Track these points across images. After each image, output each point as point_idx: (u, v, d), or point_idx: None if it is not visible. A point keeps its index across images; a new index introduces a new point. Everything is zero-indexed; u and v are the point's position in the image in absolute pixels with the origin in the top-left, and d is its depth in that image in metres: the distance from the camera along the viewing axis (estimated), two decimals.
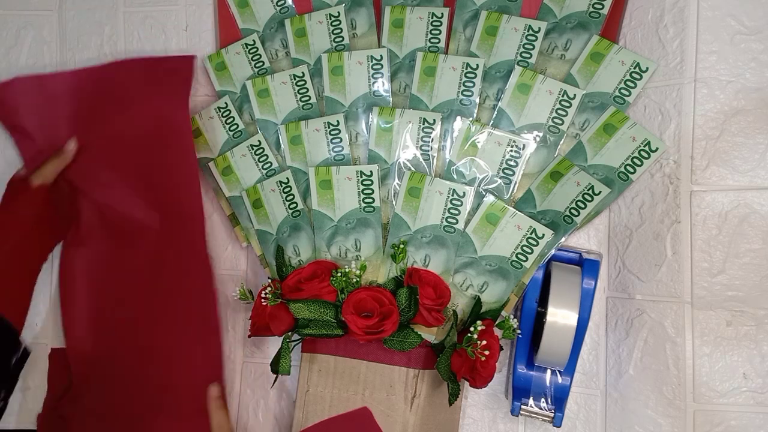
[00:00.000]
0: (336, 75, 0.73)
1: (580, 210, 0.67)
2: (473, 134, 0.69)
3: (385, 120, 0.71)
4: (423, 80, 0.71)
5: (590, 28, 0.69)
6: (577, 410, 0.71)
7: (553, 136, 0.69)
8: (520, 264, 0.67)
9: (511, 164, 0.69)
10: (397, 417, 0.66)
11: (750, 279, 0.66)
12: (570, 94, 0.68)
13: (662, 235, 0.68)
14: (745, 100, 0.66)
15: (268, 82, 0.75)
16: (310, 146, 0.73)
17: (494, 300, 0.68)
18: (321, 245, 0.71)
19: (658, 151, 0.67)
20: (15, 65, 0.86)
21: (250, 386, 0.79)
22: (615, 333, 0.70)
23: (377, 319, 0.64)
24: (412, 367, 0.67)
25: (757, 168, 0.66)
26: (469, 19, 0.72)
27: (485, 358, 0.63)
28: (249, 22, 0.79)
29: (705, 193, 0.67)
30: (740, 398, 0.65)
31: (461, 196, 0.68)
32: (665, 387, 0.67)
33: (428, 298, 0.65)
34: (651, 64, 0.68)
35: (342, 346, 0.69)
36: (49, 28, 0.85)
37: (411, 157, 0.70)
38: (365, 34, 0.75)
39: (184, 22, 0.82)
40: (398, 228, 0.69)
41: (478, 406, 0.74)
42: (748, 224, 0.66)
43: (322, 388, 0.69)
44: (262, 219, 0.74)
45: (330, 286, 0.67)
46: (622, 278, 0.70)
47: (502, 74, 0.70)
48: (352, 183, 0.70)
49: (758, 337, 0.65)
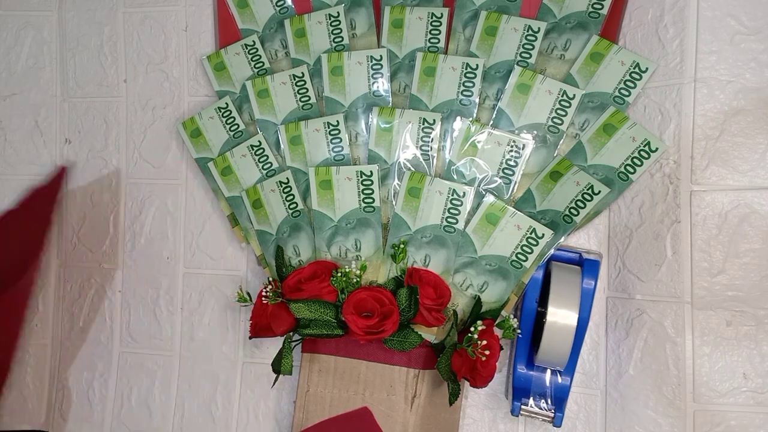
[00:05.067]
0: (336, 75, 0.73)
1: (580, 210, 0.67)
2: (473, 134, 0.69)
3: (385, 120, 0.71)
4: (423, 80, 0.71)
5: (590, 28, 0.69)
6: (577, 410, 0.71)
7: (552, 136, 0.69)
8: (520, 264, 0.67)
9: (511, 164, 0.69)
10: (398, 417, 0.66)
11: (750, 279, 0.66)
12: (570, 94, 0.68)
13: (662, 235, 0.68)
14: (745, 100, 0.66)
15: (267, 82, 0.75)
16: (310, 146, 0.73)
17: (494, 300, 0.68)
18: (321, 245, 0.71)
19: (658, 151, 0.67)
20: (15, 65, 0.86)
21: (250, 386, 0.79)
22: (615, 333, 0.70)
23: (377, 319, 0.64)
24: (413, 367, 0.67)
25: (757, 168, 0.66)
26: (468, 19, 0.72)
27: (485, 358, 0.63)
28: (248, 22, 0.79)
29: (705, 193, 0.67)
30: (740, 398, 0.65)
31: (461, 196, 0.68)
32: (665, 387, 0.67)
33: (428, 298, 0.65)
34: (651, 64, 0.68)
35: (342, 346, 0.68)
36: (49, 28, 0.85)
37: (411, 157, 0.70)
38: (365, 34, 0.75)
39: (184, 23, 0.82)
40: (398, 228, 0.69)
41: (478, 406, 0.74)
42: (748, 224, 0.66)
43: (322, 388, 0.69)
44: (262, 219, 0.74)
45: (330, 286, 0.67)
46: (622, 278, 0.70)
47: (502, 74, 0.70)
48: (352, 183, 0.70)
49: (758, 337, 0.65)
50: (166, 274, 0.82)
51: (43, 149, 0.85)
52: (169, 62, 0.82)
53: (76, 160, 0.84)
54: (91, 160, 0.84)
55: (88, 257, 0.84)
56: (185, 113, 0.82)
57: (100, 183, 0.84)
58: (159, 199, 0.82)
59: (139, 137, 0.83)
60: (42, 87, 0.85)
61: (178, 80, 0.82)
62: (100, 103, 0.84)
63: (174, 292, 0.81)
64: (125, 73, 0.84)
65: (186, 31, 0.82)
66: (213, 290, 0.80)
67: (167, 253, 0.82)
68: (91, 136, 0.84)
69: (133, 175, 0.83)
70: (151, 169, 0.83)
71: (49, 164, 0.85)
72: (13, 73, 0.86)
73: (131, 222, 0.83)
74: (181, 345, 0.81)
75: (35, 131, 0.85)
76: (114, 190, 0.83)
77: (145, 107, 0.83)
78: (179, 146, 0.82)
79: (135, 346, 0.82)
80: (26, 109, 0.86)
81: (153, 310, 0.82)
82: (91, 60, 0.84)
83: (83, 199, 0.84)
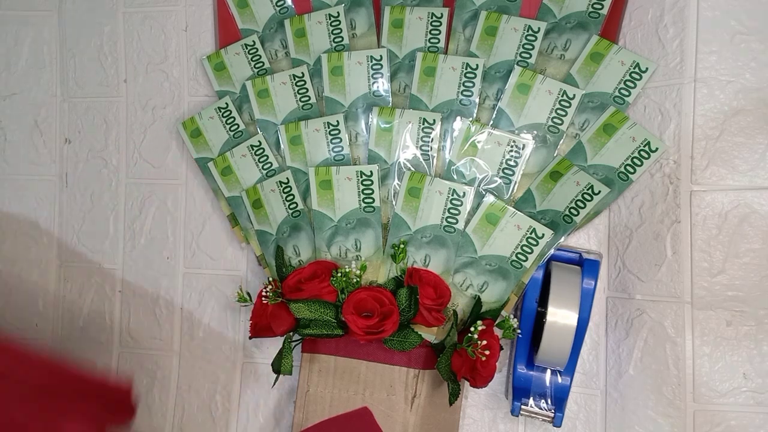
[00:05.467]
0: (336, 75, 0.73)
1: (580, 210, 0.67)
2: (473, 134, 0.69)
3: (385, 120, 0.71)
4: (423, 80, 0.71)
5: (590, 28, 0.69)
6: (577, 410, 0.71)
7: (552, 136, 0.69)
8: (520, 264, 0.67)
9: (511, 164, 0.69)
10: (398, 417, 0.66)
11: (750, 279, 0.66)
12: (569, 94, 0.68)
13: (662, 235, 0.68)
14: (745, 100, 0.66)
15: (267, 82, 0.75)
16: (310, 146, 0.73)
17: (494, 300, 0.68)
18: (321, 245, 0.71)
19: (658, 151, 0.67)
20: (15, 65, 0.86)
21: (250, 386, 0.79)
22: (615, 333, 0.70)
23: (377, 319, 0.64)
24: (413, 367, 0.67)
25: (757, 168, 0.66)
26: (468, 19, 0.72)
27: (485, 357, 0.63)
28: (248, 22, 0.79)
29: (705, 193, 0.67)
30: (740, 398, 0.65)
31: (461, 196, 0.68)
32: (665, 387, 0.67)
33: (428, 298, 0.65)
34: (651, 64, 0.68)
35: (342, 346, 0.68)
36: (49, 28, 0.85)
37: (411, 157, 0.70)
38: (365, 34, 0.75)
39: (184, 23, 0.82)
40: (398, 228, 0.69)
41: (478, 406, 0.74)
42: (748, 224, 0.66)
43: (322, 388, 0.69)
44: (262, 219, 0.74)
45: (330, 286, 0.67)
46: (622, 278, 0.70)
47: (502, 74, 0.70)
48: (352, 183, 0.70)
49: (758, 337, 0.65)
50: (166, 274, 0.82)
51: (43, 149, 0.85)
52: (169, 62, 0.82)
53: (76, 160, 0.84)
54: (91, 160, 0.84)
55: (88, 257, 0.84)
56: (185, 113, 0.82)
57: (100, 183, 0.84)
58: (159, 199, 0.82)
59: (139, 137, 0.83)
60: (42, 87, 0.85)
61: (178, 80, 0.82)
62: (100, 103, 0.84)
63: (174, 292, 0.81)
64: (125, 73, 0.84)
65: (186, 31, 0.82)
66: (213, 290, 0.80)
67: (167, 253, 0.82)
68: (91, 136, 0.84)
69: (133, 175, 0.83)
70: (151, 169, 0.83)
71: (49, 164, 0.85)
72: (13, 73, 0.86)
73: (131, 222, 0.83)
74: (181, 345, 0.81)
75: (35, 131, 0.85)
76: (114, 190, 0.83)
77: (145, 107, 0.83)
78: (179, 146, 0.82)
79: (135, 346, 0.82)
80: (26, 109, 0.86)
81: (153, 310, 0.82)
82: (91, 60, 0.84)
83: (83, 199, 0.84)
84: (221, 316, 0.80)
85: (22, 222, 0.85)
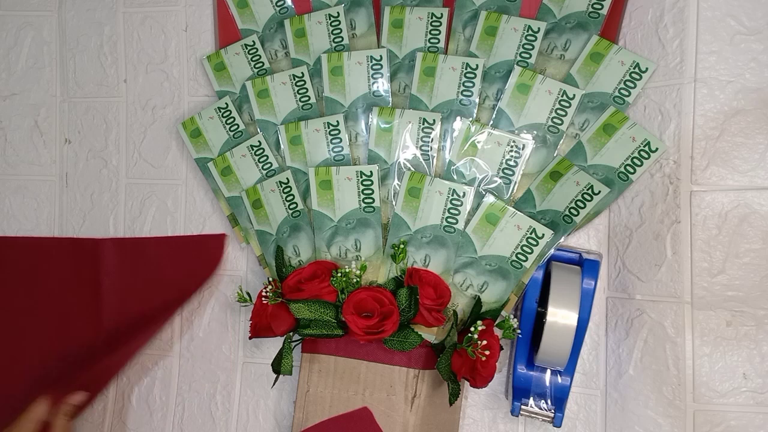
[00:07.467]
0: (335, 75, 0.73)
1: (580, 210, 0.67)
2: (473, 134, 0.69)
3: (385, 120, 0.71)
4: (423, 80, 0.71)
5: (589, 29, 0.69)
6: (577, 410, 0.71)
7: (552, 136, 0.69)
8: (519, 264, 0.67)
9: (511, 164, 0.69)
10: (398, 417, 0.66)
11: (750, 279, 0.66)
12: (569, 94, 0.68)
13: (662, 235, 0.68)
14: (745, 100, 0.66)
15: (267, 82, 0.75)
16: (309, 146, 0.73)
17: (494, 300, 0.68)
18: (321, 245, 0.71)
19: (658, 151, 0.67)
20: (15, 65, 0.86)
21: (250, 386, 0.79)
22: (615, 333, 0.70)
23: (377, 319, 0.64)
24: (413, 367, 0.67)
25: (757, 168, 0.66)
26: (468, 20, 0.72)
27: (485, 358, 0.63)
28: (248, 22, 0.79)
29: (705, 193, 0.67)
30: (740, 398, 0.65)
31: (461, 196, 0.68)
32: (665, 387, 0.67)
33: (428, 298, 0.65)
34: (650, 64, 0.68)
35: (342, 346, 0.69)
36: (49, 28, 0.85)
37: (411, 157, 0.70)
38: (365, 34, 0.75)
39: (184, 23, 0.82)
40: (398, 228, 0.69)
41: (478, 406, 0.74)
42: (748, 224, 0.66)
43: (322, 388, 0.69)
44: (262, 219, 0.74)
45: (330, 287, 0.67)
46: (622, 278, 0.70)
47: (502, 74, 0.70)
48: (352, 183, 0.70)
49: (758, 337, 0.65)
50: None
51: (43, 149, 0.85)
52: (169, 62, 0.82)
53: (76, 160, 0.84)
54: (91, 160, 0.84)
55: None
56: (185, 113, 0.82)
57: (100, 183, 0.84)
58: (159, 199, 0.82)
59: (139, 137, 0.83)
60: (42, 87, 0.85)
61: (178, 80, 0.82)
62: (100, 103, 0.84)
63: None
64: (125, 73, 0.84)
65: (186, 31, 0.82)
66: (213, 290, 0.80)
67: None
68: (91, 136, 0.84)
69: (133, 175, 0.83)
70: (151, 169, 0.83)
71: (49, 164, 0.85)
72: (13, 73, 0.86)
73: (131, 222, 0.83)
74: (181, 345, 0.81)
75: (35, 131, 0.85)
76: (114, 190, 0.83)
77: (145, 107, 0.83)
78: (179, 146, 0.82)
79: None
80: (26, 109, 0.86)
81: None
82: (91, 60, 0.84)
83: (83, 199, 0.84)
84: (221, 316, 0.80)
85: (23, 222, 0.85)
